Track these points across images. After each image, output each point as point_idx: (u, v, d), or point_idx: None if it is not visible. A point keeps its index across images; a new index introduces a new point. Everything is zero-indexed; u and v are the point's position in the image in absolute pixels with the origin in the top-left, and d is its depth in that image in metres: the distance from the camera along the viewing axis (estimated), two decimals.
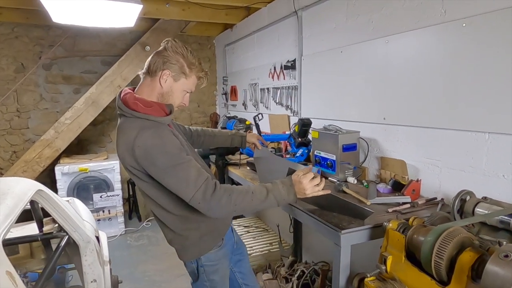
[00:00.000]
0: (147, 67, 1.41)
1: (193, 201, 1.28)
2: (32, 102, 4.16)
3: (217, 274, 1.56)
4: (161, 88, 1.40)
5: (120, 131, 1.35)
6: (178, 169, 1.28)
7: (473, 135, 1.63)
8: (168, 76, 1.39)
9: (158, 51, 1.42)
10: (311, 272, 2.45)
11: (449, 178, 1.77)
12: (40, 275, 1.70)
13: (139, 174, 1.35)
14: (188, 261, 1.56)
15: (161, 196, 1.40)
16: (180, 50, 1.40)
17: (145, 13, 3.46)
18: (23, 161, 3.70)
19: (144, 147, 1.26)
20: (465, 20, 1.60)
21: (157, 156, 1.26)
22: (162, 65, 1.37)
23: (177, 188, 1.30)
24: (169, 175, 1.28)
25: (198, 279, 1.55)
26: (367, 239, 1.47)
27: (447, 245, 1.03)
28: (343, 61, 2.43)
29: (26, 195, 1.44)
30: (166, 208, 1.44)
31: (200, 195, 1.27)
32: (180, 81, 1.42)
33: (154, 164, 1.27)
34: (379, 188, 1.93)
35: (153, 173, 1.30)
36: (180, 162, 1.29)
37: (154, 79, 1.40)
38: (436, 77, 1.77)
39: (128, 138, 1.29)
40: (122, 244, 3.90)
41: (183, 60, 1.40)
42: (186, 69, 1.41)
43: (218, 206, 1.29)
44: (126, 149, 1.30)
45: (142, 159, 1.27)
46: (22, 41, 4.02)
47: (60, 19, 2.50)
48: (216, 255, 1.55)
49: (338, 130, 2.17)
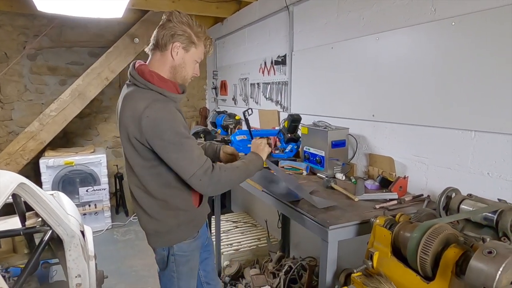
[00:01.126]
0: (154, 42, 1.39)
1: (194, 177, 1.31)
2: (16, 93, 4.05)
3: (186, 265, 1.54)
4: (173, 60, 1.40)
5: (129, 99, 1.34)
6: (184, 145, 1.30)
7: (459, 133, 1.65)
8: (179, 48, 1.38)
9: (163, 24, 1.38)
10: (299, 268, 2.47)
11: (435, 176, 1.79)
12: (23, 270, 1.67)
13: (137, 145, 1.33)
14: (159, 248, 1.51)
15: (148, 175, 1.39)
16: (186, 20, 1.39)
17: (134, 4, 3.39)
18: (6, 154, 3.61)
19: (153, 119, 1.26)
20: (454, 19, 1.61)
21: (165, 129, 1.27)
22: (171, 37, 1.36)
23: (180, 164, 1.31)
24: (173, 150, 1.29)
25: (167, 268, 1.52)
26: (354, 235, 1.48)
27: (433, 241, 1.05)
28: (333, 57, 2.43)
29: (7, 189, 1.40)
30: (148, 189, 1.41)
31: (202, 172, 1.32)
32: (191, 51, 1.41)
33: (161, 137, 1.27)
34: (367, 184, 1.94)
35: (156, 146, 1.29)
36: (185, 140, 1.31)
37: (164, 53, 1.39)
38: (425, 75, 1.78)
39: (137, 107, 1.27)
40: (108, 239, 3.85)
41: (190, 30, 1.39)
42: (194, 38, 1.40)
43: (218, 183, 1.36)
44: (132, 118, 1.29)
45: (148, 130, 1.26)
46: (6, 30, 3.90)
47: (45, 8, 2.43)
48: (189, 246, 1.52)
49: (328, 126, 2.18)
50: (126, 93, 1.38)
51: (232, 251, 3.01)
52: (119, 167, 4.63)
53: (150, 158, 1.36)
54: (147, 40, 3.92)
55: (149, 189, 1.42)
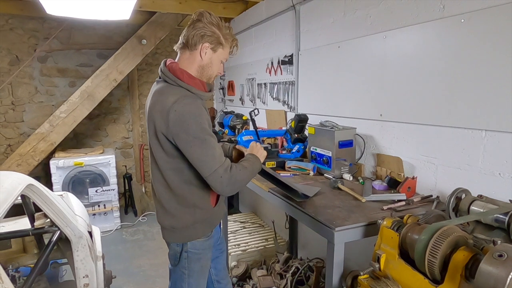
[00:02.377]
0: (184, 41, 1.44)
1: (215, 174, 1.34)
2: (27, 95, 4.12)
3: (198, 263, 1.56)
4: (201, 60, 1.44)
5: (159, 94, 1.38)
6: (207, 142, 1.34)
7: (469, 132, 1.61)
8: (207, 49, 1.43)
9: (193, 24, 1.42)
10: (306, 269, 2.45)
11: (445, 176, 1.75)
12: (32, 269, 1.69)
13: (162, 140, 1.37)
14: (173, 243, 1.54)
15: (170, 170, 1.43)
16: (215, 21, 1.44)
17: (141, 6, 3.42)
18: (18, 155, 3.67)
19: (181, 113, 1.30)
20: (464, 16, 1.58)
21: (191, 124, 1.31)
22: (201, 38, 1.41)
23: (202, 159, 1.34)
24: (197, 145, 1.33)
25: (178, 264, 1.55)
26: (361, 236, 1.46)
27: (441, 243, 1.02)
28: (340, 56, 2.41)
29: (16, 190, 1.42)
30: (169, 184, 1.45)
31: (222, 170, 1.35)
32: (218, 52, 1.46)
33: (186, 131, 1.31)
34: (375, 185, 1.92)
35: (181, 140, 1.33)
36: (209, 137, 1.35)
37: (194, 52, 1.44)
38: (434, 74, 1.75)
39: (166, 102, 1.32)
40: (117, 239, 3.88)
41: (218, 31, 1.44)
42: (222, 39, 1.45)
43: (235, 182, 1.39)
44: (160, 112, 1.33)
45: (175, 124, 1.30)
46: (17, 33, 3.96)
47: (54, 11, 2.46)
48: (202, 245, 1.55)
49: (335, 126, 2.15)
50: (156, 89, 1.43)
51: (239, 251, 3.00)
52: (127, 167, 4.67)
53: (173, 155, 1.39)
54: (155, 41, 4.00)
55: (170, 184, 1.45)
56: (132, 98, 4.62)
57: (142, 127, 4.75)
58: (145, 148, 4.79)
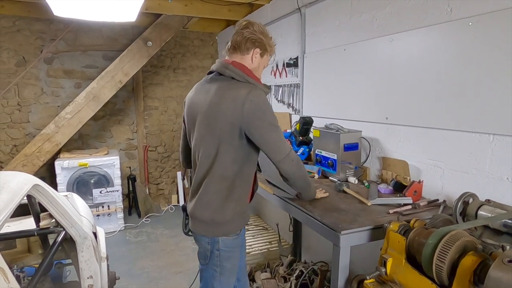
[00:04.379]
0: (236, 45, 1.53)
1: (288, 157, 1.48)
2: (33, 96, 4.14)
3: (229, 261, 1.57)
4: (251, 64, 1.54)
5: (230, 89, 1.45)
6: (279, 129, 1.48)
7: (477, 136, 1.60)
8: (257, 54, 1.55)
9: (245, 30, 1.52)
10: (310, 272, 2.43)
11: (452, 180, 1.74)
12: (36, 270, 1.69)
13: (231, 130, 1.41)
14: (204, 241, 1.55)
15: (229, 161, 1.46)
16: (264, 30, 1.57)
17: (147, 8, 3.44)
18: (23, 155, 3.69)
19: (257, 102, 1.40)
20: (472, 19, 1.57)
21: (267, 111, 1.43)
22: (253, 44, 1.52)
23: (277, 143, 1.46)
24: (273, 131, 1.44)
25: (209, 262, 1.56)
26: (367, 240, 1.45)
27: (449, 248, 1.01)
28: (346, 59, 2.40)
29: (22, 190, 1.42)
30: (223, 175, 1.47)
31: (293, 154, 1.52)
32: (264, 57, 1.59)
33: (262, 118, 1.41)
34: (380, 188, 1.91)
35: (256, 127, 1.41)
36: (278, 125, 1.48)
37: (245, 56, 1.53)
38: (441, 77, 1.74)
39: (240, 94, 1.40)
40: (121, 240, 3.88)
41: (265, 40, 1.55)
42: (268, 47, 1.58)
43: (301, 169, 1.56)
44: (233, 104, 1.40)
45: (251, 112, 1.38)
46: (24, 35, 3.99)
47: (61, 13, 2.48)
48: (233, 243, 1.56)
49: (340, 129, 2.15)
50: (222, 85, 1.47)
51: None
52: (132, 169, 4.69)
53: (236, 146, 1.45)
54: (160, 43, 4.02)
55: (223, 175, 1.47)
56: (137, 99, 4.64)
57: (146, 128, 4.76)
58: (149, 150, 4.80)
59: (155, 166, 4.92)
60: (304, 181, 1.62)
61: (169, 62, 4.76)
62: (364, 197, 1.75)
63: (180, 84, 4.86)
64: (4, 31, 3.91)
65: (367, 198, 1.75)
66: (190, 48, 4.84)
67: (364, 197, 1.75)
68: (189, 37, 4.79)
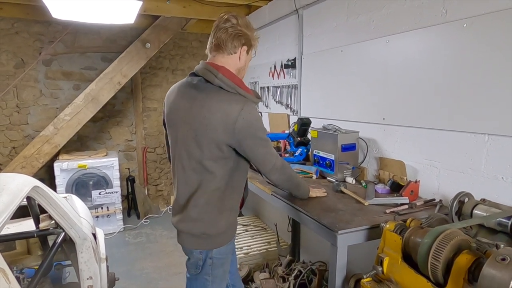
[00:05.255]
0: (221, 43, 1.38)
1: (275, 168, 1.48)
2: (32, 98, 4.15)
3: (221, 268, 1.53)
4: (239, 63, 1.44)
5: (220, 101, 1.34)
6: (269, 142, 1.46)
7: (472, 136, 1.62)
8: (244, 51, 1.43)
9: (228, 25, 1.38)
10: (308, 272, 2.45)
11: (448, 180, 1.76)
12: (36, 271, 1.70)
13: (219, 145, 1.34)
14: (196, 251, 1.48)
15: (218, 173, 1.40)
16: (248, 22, 1.44)
17: (145, 10, 3.45)
18: (22, 157, 3.69)
19: (249, 119, 1.33)
20: (466, 21, 1.59)
21: (258, 129, 1.39)
22: (239, 41, 1.40)
23: (265, 156, 1.44)
24: (263, 146, 1.42)
25: (201, 271, 1.50)
26: (364, 239, 1.47)
27: (444, 247, 1.03)
28: (343, 60, 2.42)
29: (22, 192, 1.43)
30: (213, 187, 1.40)
31: (280, 163, 1.51)
32: (249, 54, 1.48)
33: (254, 135, 1.37)
34: (378, 188, 1.92)
35: (247, 145, 1.37)
36: (267, 137, 1.45)
37: (232, 56, 1.42)
38: (436, 78, 1.76)
39: (232, 110, 1.31)
40: (120, 241, 3.89)
41: (250, 34, 1.44)
42: (252, 41, 1.46)
43: (288, 175, 1.59)
44: (225, 120, 1.31)
45: (243, 130, 1.33)
46: (22, 37, 4.00)
47: (60, 15, 2.49)
48: (226, 249, 1.52)
49: (337, 129, 2.16)
50: (210, 96, 1.35)
51: (241, 254, 3.00)
52: (130, 170, 4.69)
53: (226, 158, 1.39)
54: (158, 45, 4.03)
55: (214, 187, 1.41)
56: (136, 101, 4.65)
57: (145, 130, 4.77)
58: (148, 151, 4.81)
59: (154, 167, 4.93)
60: (291, 183, 1.63)
61: (167, 64, 4.77)
62: (362, 197, 1.76)
63: None
64: (2, 33, 3.91)
65: (364, 198, 1.76)
66: (189, 50, 4.85)
67: (361, 197, 1.76)
68: (187, 39, 4.81)
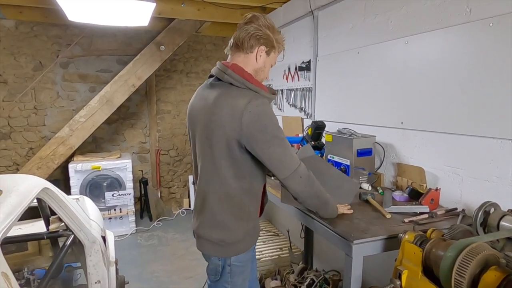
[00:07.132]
0: (239, 42, 1.37)
1: (295, 174, 1.31)
2: (49, 99, 4.22)
3: (241, 276, 1.48)
4: (256, 63, 1.40)
5: (228, 97, 1.30)
6: (286, 141, 1.31)
7: (498, 142, 1.52)
8: (263, 52, 1.39)
9: (249, 25, 1.36)
10: (321, 281, 2.37)
11: (471, 188, 1.66)
12: (46, 273, 1.69)
13: (230, 144, 1.28)
14: (214, 257, 1.44)
15: (233, 177, 1.34)
16: (270, 24, 1.39)
17: (160, 13, 3.46)
18: (38, 158, 3.75)
19: (257, 113, 1.25)
20: (493, 20, 1.50)
21: (268, 123, 1.27)
22: (258, 41, 1.36)
23: (283, 159, 1.30)
24: (277, 145, 1.28)
25: (220, 278, 1.45)
26: (381, 250, 1.39)
27: (470, 262, 0.95)
28: (359, 62, 2.35)
29: (31, 193, 1.42)
30: (230, 192, 1.35)
31: (302, 169, 1.33)
32: (271, 55, 1.42)
33: (263, 131, 1.26)
34: (395, 196, 1.84)
35: (257, 141, 1.26)
36: (283, 136, 1.31)
37: (249, 55, 1.38)
38: (459, 80, 1.67)
39: (238, 104, 1.25)
40: (132, 243, 3.90)
41: (272, 35, 1.39)
42: (275, 43, 1.41)
43: (312, 186, 1.37)
44: (231, 115, 1.25)
45: (251, 125, 1.24)
46: (41, 40, 4.08)
47: (75, 18, 2.51)
48: (245, 257, 1.46)
49: (353, 134, 2.09)
50: (220, 92, 1.33)
51: None
52: (144, 172, 4.71)
53: (240, 161, 1.32)
54: (173, 47, 4.04)
55: (231, 193, 1.36)
56: (150, 103, 4.67)
57: (159, 132, 4.79)
58: (162, 153, 4.82)
59: (167, 170, 4.94)
60: (317, 200, 1.43)
61: (182, 66, 4.78)
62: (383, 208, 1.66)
63: (193, 88, 4.87)
64: (22, 37, 4.00)
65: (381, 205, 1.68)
66: (203, 53, 4.85)
67: (384, 210, 1.65)
68: (202, 42, 4.81)
